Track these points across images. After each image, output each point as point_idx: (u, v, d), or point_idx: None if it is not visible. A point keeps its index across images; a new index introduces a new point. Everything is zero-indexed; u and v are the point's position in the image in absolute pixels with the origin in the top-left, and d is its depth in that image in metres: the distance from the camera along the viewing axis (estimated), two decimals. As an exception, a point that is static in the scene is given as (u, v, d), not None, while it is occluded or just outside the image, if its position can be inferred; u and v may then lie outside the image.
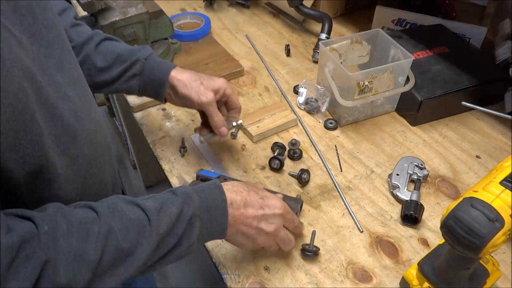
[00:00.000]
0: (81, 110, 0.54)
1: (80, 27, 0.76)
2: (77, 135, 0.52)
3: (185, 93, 0.73)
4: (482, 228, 0.47)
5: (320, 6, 1.24)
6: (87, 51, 0.74)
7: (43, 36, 0.51)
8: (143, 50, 0.75)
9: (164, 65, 0.75)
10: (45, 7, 0.53)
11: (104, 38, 0.76)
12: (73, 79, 0.55)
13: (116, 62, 0.74)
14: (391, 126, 0.93)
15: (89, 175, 0.57)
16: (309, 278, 0.67)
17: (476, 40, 1.08)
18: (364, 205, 0.77)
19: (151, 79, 0.74)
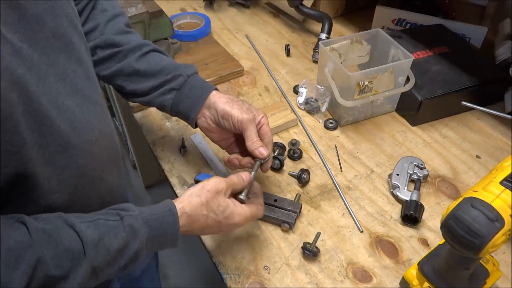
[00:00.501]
0: (79, 120, 0.53)
1: (130, 35, 0.75)
2: (69, 145, 0.51)
3: (226, 108, 0.69)
4: (482, 228, 0.47)
5: (320, 6, 1.24)
6: (131, 58, 0.72)
7: (48, 44, 0.51)
8: (188, 67, 0.73)
9: (205, 85, 0.72)
10: (59, 15, 0.53)
11: (153, 49, 0.75)
12: (76, 89, 0.54)
13: (158, 73, 0.72)
14: (391, 126, 0.93)
15: (81, 185, 0.56)
16: (309, 278, 0.67)
17: (476, 40, 1.08)
18: (364, 205, 0.77)
19: (189, 96, 0.72)
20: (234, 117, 0.68)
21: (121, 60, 0.73)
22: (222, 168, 0.84)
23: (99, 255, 0.49)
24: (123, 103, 1.53)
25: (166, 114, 0.96)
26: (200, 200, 0.59)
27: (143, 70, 0.72)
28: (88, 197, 0.58)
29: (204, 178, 0.73)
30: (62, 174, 0.52)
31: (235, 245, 0.71)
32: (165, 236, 0.56)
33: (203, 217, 0.59)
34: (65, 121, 0.51)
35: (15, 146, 0.44)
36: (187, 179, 0.82)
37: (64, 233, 0.48)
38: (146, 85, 0.72)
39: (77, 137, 0.53)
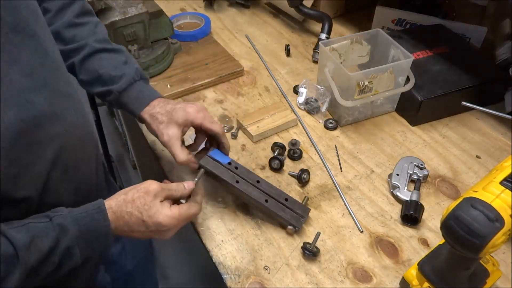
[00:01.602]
0: (46, 114, 0.53)
1: (76, 29, 0.73)
2: (34, 142, 0.51)
3: (151, 131, 0.73)
4: (482, 228, 0.47)
5: (320, 6, 1.24)
6: (74, 62, 0.72)
7: (7, 40, 0.49)
8: (123, 78, 0.72)
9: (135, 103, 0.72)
10: (17, 8, 0.51)
11: (95, 50, 0.72)
12: (44, 83, 0.54)
13: (96, 82, 0.73)
14: (391, 126, 0.93)
15: (53, 178, 0.56)
16: (309, 278, 0.67)
17: (476, 40, 1.08)
18: (364, 205, 0.77)
19: (127, 110, 0.74)
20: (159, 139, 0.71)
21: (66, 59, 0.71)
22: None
23: (31, 256, 0.50)
24: (123, 103, 1.53)
25: (166, 114, 0.97)
26: (125, 197, 0.59)
27: (84, 78, 0.73)
28: (62, 187, 0.59)
29: (217, 156, 0.73)
30: (30, 171, 0.52)
31: (235, 245, 0.71)
32: (96, 232, 0.56)
33: (127, 214, 0.59)
34: (28, 119, 0.50)
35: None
36: (187, 179, 0.82)
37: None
38: (91, 91, 0.75)
39: (43, 133, 0.52)
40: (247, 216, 0.76)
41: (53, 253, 0.52)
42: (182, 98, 1.01)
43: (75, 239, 0.54)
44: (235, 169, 0.73)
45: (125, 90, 0.72)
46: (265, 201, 0.71)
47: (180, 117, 0.69)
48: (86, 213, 0.57)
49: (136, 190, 0.60)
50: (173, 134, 0.68)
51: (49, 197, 0.56)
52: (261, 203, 0.71)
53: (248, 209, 0.77)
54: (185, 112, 0.69)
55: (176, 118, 0.69)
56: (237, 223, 0.75)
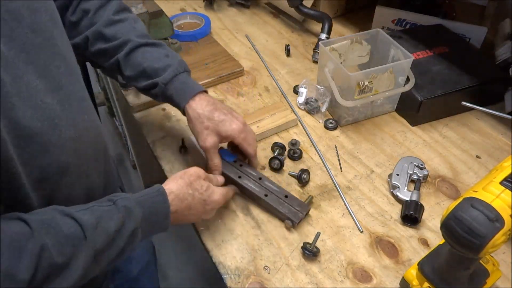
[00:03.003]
0: (60, 117, 0.52)
1: (116, 26, 0.74)
2: (49, 144, 0.51)
3: (191, 128, 0.75)
4: (482, 228, 0.47)
5: (320, 6, 1.24)
6: (118, 58, 0.74)
7: (27, 40, 0.49)
8: (168, 70, 0.73)
9: (181, 94, 0.74)
10: (37, 10, 0.51)
11: (137, 45, 0.74)
12: (58, 85, 0.53)
13: (141, 77, 0.74)
14: (391, 126, 0.93)
15: (65, 183, 0.56)
16: (309, 278, 0.67)
17: (476, 40, 1.08)
18: (364, 205, 0.77)
19: (172, 103, 0.76)
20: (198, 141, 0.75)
21: (110, 57, 0.74)
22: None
23: (98, 237, 0.51)
24: (123, 103, 1.53)
25: (166, 114, 0.97)
26: (184, 181, 0.64)
27: (128, 73, 0.75)
28: (73, 194, 0.58)
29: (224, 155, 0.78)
30: (43, 173, 0.52)
31: (235, 245, 0.71)
32: (157, 215, 0.59)
33: (190, 196, 0.63)
34: (43, 119, 0.50)
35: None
36: (187, 179, 0.82)
37: (62, 222, 0.49)
38: (135, 85, 0.76)
39: (57, 135, 0.52)
40: (247, 216, 0.76)
41: (119, 235, 0.53)
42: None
43: (140, 222, 0.55)
44: (240, 166, 0.78)
45: (170, 81, 0.73)
46: (265, 195, 0.74)
47: (224, 131, 0.73)
48: (147, 196, 0.59)
49: (189, 175, 0.65)
50: (214, 143, 0.73)
51: (60, 202, 0.55)
52: (260, 197, 0.74)
53: (248, 209, 0.77)
54: (231, 129, 0.73)
55: (221, 130, 0.73)
56: (237, 223, 0.75)
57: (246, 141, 0.75)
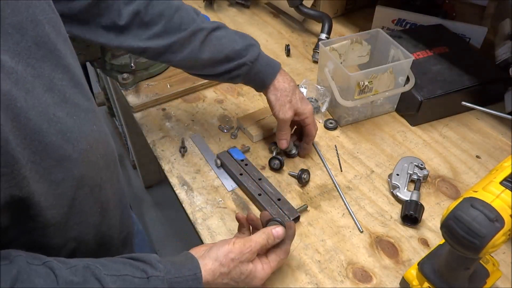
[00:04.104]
0: (72, 130, 0.51)
1: (180, 14, 0.73)
2: (64, 157, 0.50)
3: (271, 99, 0.79)
4: (482, 228, 0.47)
5: (320, 6, 1.24)
6: (193, 48, 0.74)
7: (31, 54, 0.48)
8: (250, 49, 0.76)
9: (269, 69, 0.79)
10: (41, 22, 0.50)
11: (209, 31, 0.75)
12: (64, 98, 0.52)
13: (222, 61, 0.76)
14: (391, 126, 0.93)
15: (80, 196, 0.55)
16: (309, 278, 0.67)
17: (476, 40, 1.08)
18: (364, 205, 0.77)
19: (255, 80, 0.79)
20: (273, 110, 0.80)
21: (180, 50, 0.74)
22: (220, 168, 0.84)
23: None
24: (123, 103, 1.53)
25: (166, 114, 0.97)
26: (223, 270, 0.58)
27: (207, 60, 0.75)
28: (88, 208, 0.57)
29: (234, 154, 0.84)
30: (58, 188, 0.50)
31: (235, 245, 0.71)
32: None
33: (223, 285, 0.58)
34: (57, 133, 0.49)
35: (7, 166, 0.43)
36: (187, 179, 0.82)
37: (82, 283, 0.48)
38: (211, 71, 0.77)
39: (71, 148, 0.51)
40: (247, 216, 0.76)
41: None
42: (182, 98, 1.01)
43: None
44: (245, 166, 0.82)
45: (256, 59, 0.77)
46: (258, 194, 0.77)
47: (302, 109, 0.80)
48: (182, 278, 0.55)
49: (231, 260, 0.59)
50: (290, 116, 0.79)
51: (75, 217, 0.55)
52: (254, 195, 0.76)
53: (248, 209, 0.77)
54: (308, 108, 0.80)
55: (300, 107, 0.80)
56: (237, 223, 0.75)
57: (313, 123, 0.82)
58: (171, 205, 1.90)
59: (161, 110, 0.98)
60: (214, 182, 0.82)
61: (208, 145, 0.89)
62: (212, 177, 0.83)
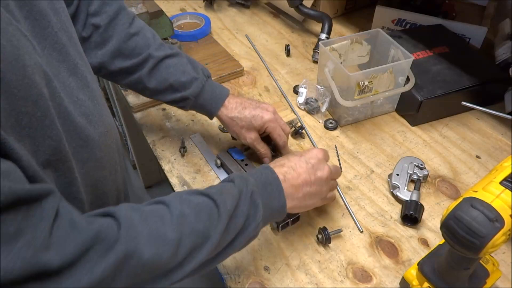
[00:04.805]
0: (93, 113, 0.54)
1: (134, 40, 0.74)
2: (89, 138, 0.53)
3: (230, 131, 0.80)
4: (482, 228, 0.47)
5: (320, 6, 1.24)
6: (141, 75, 0.74)
7: (57, 40, 0.51)
8: (195, 83, 0.75)
9: (213, 103, 0.78)
10: (59, 10, 0.53)
11: (159, 60, 0.74)
12: (86, 82, 0.55)
13: (167, 90, 0.76)
14: (391, 126, 0.93)
15: (101, 178, 0.57)
16: (309, 278, 0.67)
17: (476, 40, 1.08)
18: (364, 205, 0.77)
19: (202, 111, 0.80)
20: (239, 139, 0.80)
21: (132, 73, 0.75)
22: (220, 168, 0.84)
23: (227, 200, 0.53)
24: (123, 103, 1.53)
25: (166, 114, 0.97)
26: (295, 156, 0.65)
27: (153, 88, 0.76)
28: (108, 189, 0.60)
29: (233, 153, 0.84)
30: (84, 167, 0.53)
31: (235, 245, 0.71)
32: (270, 184, 0.59)
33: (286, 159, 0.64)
34: (81, 115, 0.52)
35: (56, 140, 0.46)
36: (187, 179, 0.82)
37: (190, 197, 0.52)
38: (160, 98, 0.78)
39: (93, 130, 0.54)
40: (247, 216, 0.76)
41: (242, 197, 0.54)
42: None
43: (256, 186, 0.57)
44: (245, 166, 0.82)
45: (199, 94, 0.77)
46: None
47: (258, 124, 0.77)
48: (255, 170, 0.61)
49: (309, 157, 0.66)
50: (255, 137, 0.79)
51: (97, 198, 0.57)
52: None
53: (248, 209, 0.77)
54: (262, 122, 0.77)
55: (255, 125, 0.77)
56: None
57: (276, 131, 0.79)
58: (171, 205, 1.89)
59: (161, 110, 0.98)
60: (214, 182, 0.82)
61: (208, 145, 0.89)
62: (212, 177, 0.83)
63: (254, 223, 0.55)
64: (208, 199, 0.52)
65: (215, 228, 0.50)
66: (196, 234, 0.49)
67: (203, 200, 0.52)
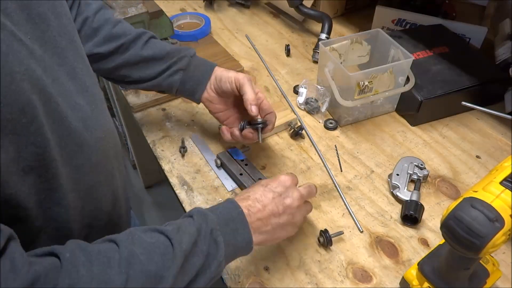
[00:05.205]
0: (90, 118, 0.54)
1: (122, 25, 0.78)
2: (84, 143, 0.52)
3: (224, 73, 0.76)
4: (482, 228, 0.47)
5: (320, 6, 1.24)
6: (136, 48, 0.76)
7: (56, 43, 0.51)
8: (188, 49, 0.79)
9: (208, 63, 0.79)
10: (60, 13, 0.53)
11: (151, 36, 0.79)
12: (85, 86, 0.55)
13: (165, 57, 0.77)
14: (391, 126, 0.93)
15: (96, 183, 0.57)
16: (309, 278, 0.67)
17: (476, 40, 1.08)
18: (364, 205, 0.77)
19: (194, 74, 0.77)
20: (231, 77, 0.74)
21: (125, 51, 0.76)
22: (220, 168, 0.84)
23: (183, 238, 0.49)
24: (123, 103, 1.53)
25: (166, 114, 0.97)
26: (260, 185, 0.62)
27: (151, 56, 0.76)
28: (102, 194, 0.59)
29: (233, 154, 0.84)
30: (78, 173, 0.53)
31: (235, 245, 0.71)
32: (232, 220, 0.55)
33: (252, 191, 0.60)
34: (78, 120, 0.51)
35: (40, 147, 0.45)
36: (187, 179, 0.82)
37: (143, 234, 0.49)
38: (154, 70, 0.77)
39: (90, 135, 0.53)
40: (247, 216, 0.76)
41: (200, 235, 0.51)
42: (182, 98, 1.01)
43: (216, 224, 0.53)
44: (245, 166, 0.82)
45: (195, 55, 0.79)
46: None
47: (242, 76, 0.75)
48: (217, 205, 0.58)
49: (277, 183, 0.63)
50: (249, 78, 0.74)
51: (90, 203, 0.56)
52: None
53: (248, 209, 0.77)
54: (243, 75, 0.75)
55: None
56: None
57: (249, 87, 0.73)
58: (171, 205, 1.89)
59: (161, 110, 0.98)
60: (214, 182, 0.82)
61: (208, 145, 0.89)
62: (212, 177, 0.83)
63: (215, 261, 0.52)
64: (163, 237, 0.49)
65: (168, 269, 0.47)
66: (146, 276, 0.46)
67: (158, 239, 0.49)
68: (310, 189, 0.65)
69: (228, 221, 0.55)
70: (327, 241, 0.69)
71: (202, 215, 0.54)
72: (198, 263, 0.50)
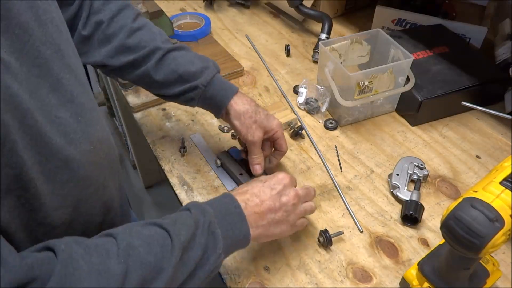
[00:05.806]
0: (75, 131, 0.51)
1: (139, 34, 0.72)
2: (69, 158, 0.50)
3: (236, 124, 0.74)
4: (482, 228, 0.47)
5: (320, 6, 1.24)
6: (148, 68, 0.72)
7: (39, 54, 0.48)
8: (205, 72, 0.73)
9: (223, 93, 0.74)
10: (45, 21, 0.51)
11: (166, 51, 0.72)
12: (71, 97, 0.52)
13: (176, 82, 0.73)
14: (391, 126, 0.93)
15: (85, 196, 0.55)
16: (309, 278, 0.67)
17: (476, 40, 1.08)
18: (364, 205, 0.77)
19: (210, 104, 0.75)
20: (240, 135, 0.74)
21: (138, 67, 0.72)
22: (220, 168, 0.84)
23: (181, 230, 0.50)
24: (123, 103, 1.53)
25: (166, 114, 0.97)
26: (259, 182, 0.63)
27: (161, 81, 0.73)
28: (92, 207, 0.57)
29: (233, 153, 0.84)
30: (64, 189, 0.51)
31: (235, 245, 0.71)
32: (230, 214, 0.56)
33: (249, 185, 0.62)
34: (60, 134, 0.49)
35: (15, 168, 0.43)
36: (187, 179, 0.82)
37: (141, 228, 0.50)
38: (167, 92, 0.74)
39: (74, 150, 0.51)
40: (247, 216, 0.76)
41: (198, 228, 0.51)
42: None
43: (214, 217, 0.54)
44: (245, 166, 0.81)
45: (210, 83, 0.73)
46: None
47: (270, 125, 0.75)
48: (214, 199, 0.58)
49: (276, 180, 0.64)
50: (260, 137, 0.74)
51: (80, 218, 0.55)
52: None
53: (248, 209, 0.77)
54: (275, 123, 0.75)
55: (267, 125, 0.74)
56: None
57: (283, 136, 0.77)
58: (171, 205, 1.90)
59: (161, 110, 0.98)
60: (214, 182, 0.82)
61: (208, 145, 0.89)
62: (212, 177, 0.83)
63: (214, 254, 0.52)
64: (161, 230, 0.49)
65: (168, 260, 0.47)
66: (145, 267, 0.46)
67: (155, 231, 0.49)
68: (307, 190, 0.66)
69: (225, 215, 0.56)
70: (327, 241, 0.69)
71: (200, 208, 0.54)
72: (197, 255, 0.50)
